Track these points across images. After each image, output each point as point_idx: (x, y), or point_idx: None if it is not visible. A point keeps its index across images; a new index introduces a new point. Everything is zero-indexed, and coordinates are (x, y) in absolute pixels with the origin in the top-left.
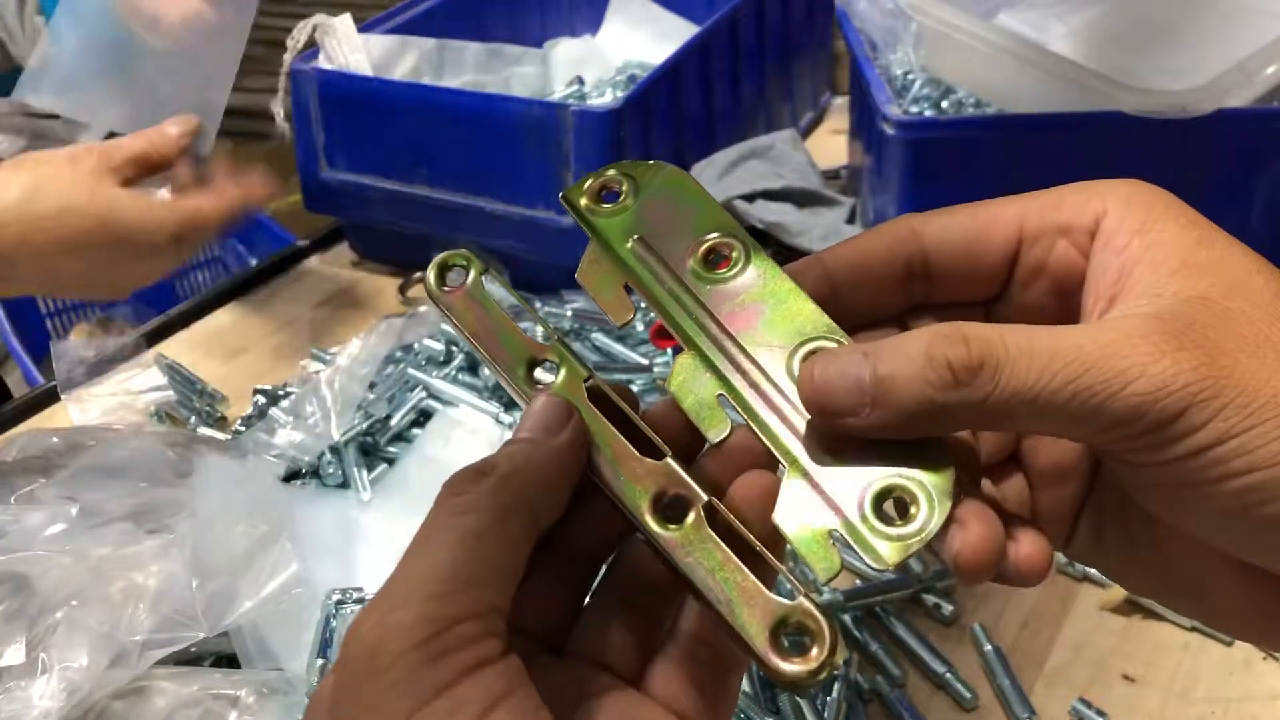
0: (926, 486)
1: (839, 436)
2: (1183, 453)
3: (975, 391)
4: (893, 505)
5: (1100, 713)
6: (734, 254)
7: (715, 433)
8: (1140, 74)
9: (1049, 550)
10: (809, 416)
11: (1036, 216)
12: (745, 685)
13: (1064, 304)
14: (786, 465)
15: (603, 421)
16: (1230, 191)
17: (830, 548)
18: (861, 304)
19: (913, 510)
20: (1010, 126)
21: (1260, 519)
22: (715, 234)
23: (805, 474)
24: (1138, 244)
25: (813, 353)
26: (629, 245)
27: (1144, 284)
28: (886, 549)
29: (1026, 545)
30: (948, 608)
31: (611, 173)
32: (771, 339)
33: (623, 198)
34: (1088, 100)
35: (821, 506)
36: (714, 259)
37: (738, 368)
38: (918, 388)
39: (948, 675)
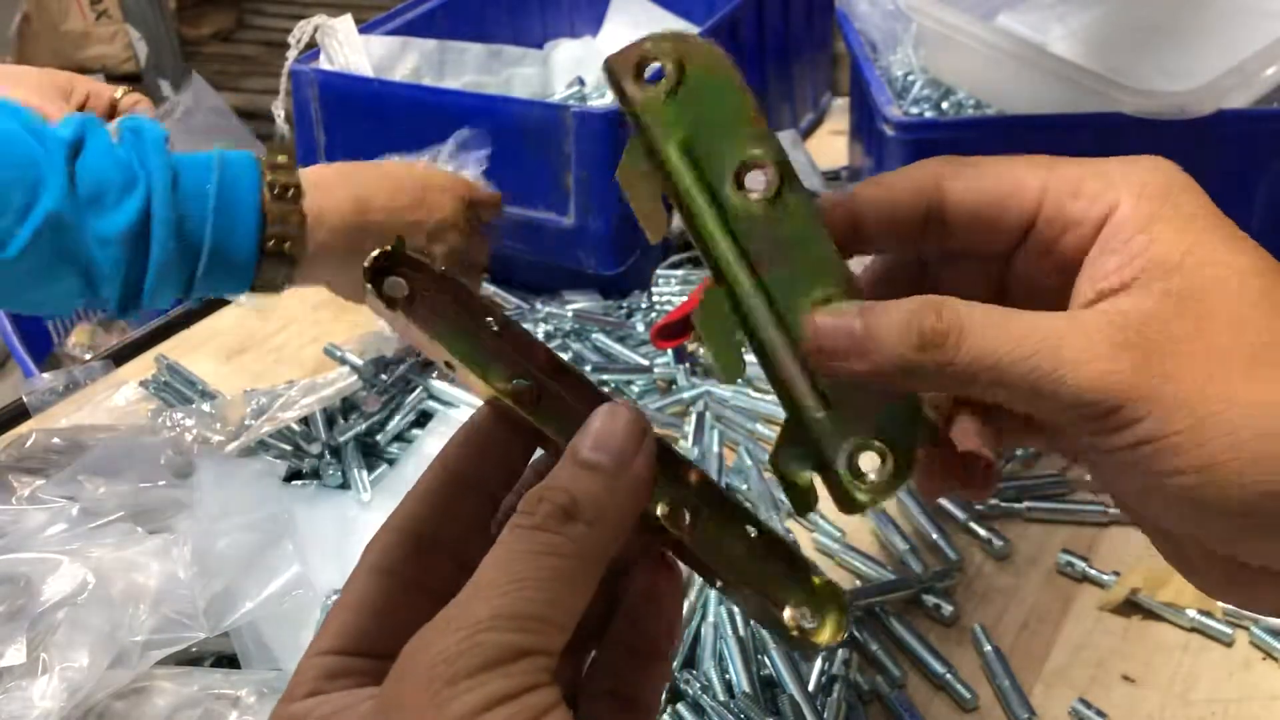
0: (899, 448)
1: (835, 391)
2: (1123, 444)
3: (941, 355)
4: (869, 460)
5: (1100, 713)
6: (771, 181)
7: (731, 375)
8: (1140, 75)
9: (994, 472)
10: (811, 369)
11: (1053, 200)
12: (745, 685)
13: (1068, 282)
14: (787, 412)
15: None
16: (1230, 192)
17: (812, 489)
18: (884, 239)
19: (885, 465)
20: (1010, 127)
21: (1207, 512)
22: (757, 152)
23: (801, 422)
24: (1137, 243)
25: (824, 302)
26: (672, 147)
27: (1131, 285)
28: (855, 497)
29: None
30: (948, 608)
31: (650, 45)
32: (793, 282)
33: (666, 79)
34: (1088, 101)
35: (811, 453)
36: (752, 182)
37: (757, 310)
38: (895, 347)
39: (948, 676)
